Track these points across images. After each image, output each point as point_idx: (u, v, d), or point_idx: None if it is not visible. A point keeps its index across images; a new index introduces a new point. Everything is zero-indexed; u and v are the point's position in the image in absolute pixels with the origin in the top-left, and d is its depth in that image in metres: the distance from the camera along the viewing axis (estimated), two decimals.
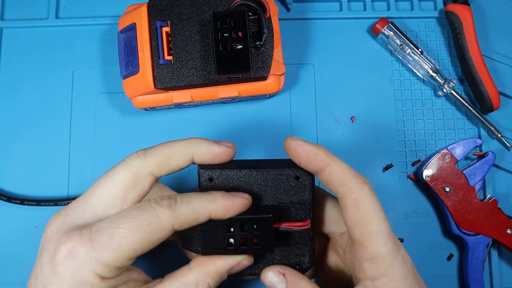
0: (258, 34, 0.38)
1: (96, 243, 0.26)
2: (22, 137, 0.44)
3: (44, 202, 0.41)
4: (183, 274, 0.28)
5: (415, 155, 0.44)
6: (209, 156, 0.30)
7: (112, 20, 0.45)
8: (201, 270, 0.28)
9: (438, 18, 0.47)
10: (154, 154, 0.29)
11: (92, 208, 0.28)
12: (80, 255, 0.26)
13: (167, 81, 0.38)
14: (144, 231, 0.26)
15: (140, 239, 0.26)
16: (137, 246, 0.26)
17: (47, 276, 0.27)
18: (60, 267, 0.26)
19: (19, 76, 0.45)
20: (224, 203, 0.28)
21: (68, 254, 0.26)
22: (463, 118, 0.45)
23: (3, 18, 0.46)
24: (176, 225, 0.27)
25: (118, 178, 0.28)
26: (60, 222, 0.28)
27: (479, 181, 0.42)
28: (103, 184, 0.28)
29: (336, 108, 0.45)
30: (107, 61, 0.45)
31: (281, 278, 0.29)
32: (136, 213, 0.27)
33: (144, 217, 0.26)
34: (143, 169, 0.29)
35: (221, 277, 0.29)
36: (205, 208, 0.28)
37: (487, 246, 0.42)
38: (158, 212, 0.27)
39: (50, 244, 0.27)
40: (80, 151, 0.43)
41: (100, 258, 0.26)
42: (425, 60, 0.44)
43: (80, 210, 0.28)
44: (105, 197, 0.28)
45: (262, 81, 0.40)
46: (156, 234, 0.27)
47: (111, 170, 0.29)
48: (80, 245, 0.26)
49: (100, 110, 0.44)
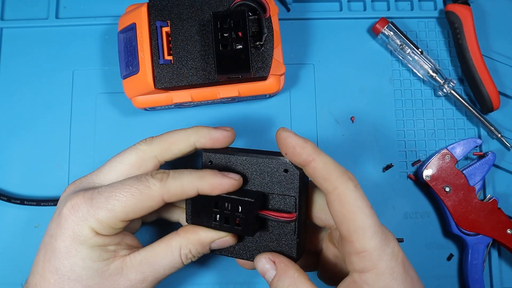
0: (258, 34, 0.38)
1: (95, 202, 0.30)
2: (22, 137, 0.44)
3: (44, 202, 0.41)
4: (169, 238, 0.32)
5: (415, 155, 0.44)
6: (208, 141, 0.34)
7: (112, 20, 0.45)
8: (185, 236, 0.32)
9: (438, 18, 0.47)
10: (159, 140, 0.34)
11: (100, 179, 0.33)
12: (80, 210, 0.30)
13: (167, 81, 0.38)
14: (136, 198, 0.30)
15: (132, 204, 0.30)
16: (129, 210, 0.30)
17: (53, 228, 0.31)
18: (63, 219, 0.30)
19: (19, 76, 0.45)
20: (211, 181, 0.31)
21: (71, 208, 0.30)
22: (463, 118, 0.45)
23: (3, 18, 0.46)
24: (165, 197, 0.31)
25: (126, 158, 0.33)
26: (72, 188, 0.33)
27: (479, 181, 0.42)
28: (113, 162, 0.33)
29: (336, 108, 0.45)
30: (107, 61, 0.45)
31: (272, 265, 0.31)
32: (131, 182, 0.31)
33: (137, 186, 0.30)
34: (148, 153, 0.33)
35: (203, 247, 0.32)
36: (193, 184, 0.31)
37: (487, 246, 0.42)
38: (150, 183, 0.30)
39: (61, 203, 0.32)
40: (80, 151, 0.43)
41: (97, 215, 0.30)
42: (425, 60, 0.44)
43: (90, 180, 0.33)
44: (112, 172, 0.33)
45: (262, 81, 0.40)
46: (146, 203, 0.30)
47: (122, 152, 0.34)
48: (82, 202, 0.30)
49: (100, 110, 0.44)
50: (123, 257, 0.31)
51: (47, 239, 0.31)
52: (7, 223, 0.42)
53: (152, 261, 0.31)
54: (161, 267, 0.31)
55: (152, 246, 0.32)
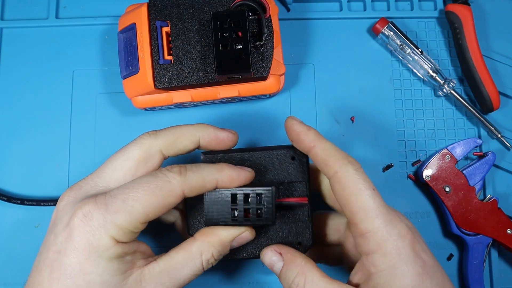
0: (258, 34, 0.38)
1: (111, 207, 0.27)
2: (22, 137, 0.44)
3: (44, 202, 0.41)
4: (188, 244, 0.30)
5: (415, 155, 0.44)
6: (213, 140, 0.32)
7: (112, 20, 0.45)
8: (205, 240, 0.30)
9: (438, 18, 0.47)
10: (164, 134, 0.31)
11: (104, 181, 0.30)
12: (95, 219, 0.27)
13: (167, 81, 0.38)
14: (156, 195, 0.28)
15: (152, 202, 0.28)
16: (150, 210, 0.28)
17: (61, 243, 0.28)
18: (75, 232, 0.27)
19: (19, 76, 0.45)
20: (230, 173, 0.30)
21: (83, 218, 0.27)
22: (463, 118, 0.45)
23: (3, 18, 0.46)
24: (186, 190, 0.29)
25: (131, 154, 0.30)
26: (72, 196, 0.29)
27: (479, 181, 0.42)
28: (116, 159, 0.30)
29: (336, 108, 0.45)
30: (107, 61, 0.45)
31: (279, 257, 0.31)
32: (148, 179, 0.28)
33: (156, 182, 0.28)
34: (153, 147, 0.31)
35: (224, 247, 0.31)
36: (213, 175, 0.29)
37: (487, 246, 0.42)
38: (169, 177, 0.28)
39: (65, 214, 0.28)
40: (80, 151, 0.43)
41: (116, 221, 0.27)
42: (425, 60, 0.44)
43: (93, 183, 0.30)
44: (117, 171, 0.30)
45: (262, 81, 0.40)
46: (167, 199, 0.28)
47: (124, 147, 0.31)
48: (96, 209, 0.27)
49: (100, 110, 0.44)
50: (141, 268, 0.29)
51: (53, 255, 0.28)
52: (7, 223, 0.42)
53: (172, 271, 0.29)
54: (181, 276, 0.29)
55: (170, 255, 0.30)
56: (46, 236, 0.29)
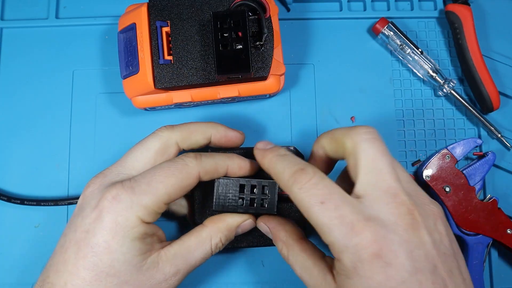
0: (258, 34, 0.38)
1: (137, 189, 0.30)
2: (22, 137, 0.44)
3: (44, 202, 0.41)
4: (199, 230, 0.33)
5: (415, 155, 0.44)
6: (223, 138, 0.36)
7: (112, 20, 0.45)
8: (214, 226, 0.33)
9: (438, 18, 0.47)
10: (180, 128, 0.34)
11: (127, 169, 0.33)
12: (123, 200, 0.30)
13: (167, 81, 0.38)
14: (176, 177, 0.31)
15: (173, 184, 0.31)
16: (171, 190, 0.31)
17: (90, 224, 0.30)
18: (104, 212, 0.30)
19: (19, 76, 0.45)
20: (239, 161, 0.34)
21: (112, 199, 0.30)
22: (463, 118, 0.45)
23: (3, 18, 0.46)
24: (201, 173, 0.32)
25: (151, 145, 0.33)
26: (98, 183, 0.32)
27: (479, 181, 0.42)
28: (137, 150, 0.33)
29: (336, 108, 0.45)
30: (107, 61, 0.45)
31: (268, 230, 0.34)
32: (168, 164, 0.31)
33: (176, 166, 0.31)
34: (171, 139, 0.34)
35: (230, 232, 0.34)
36: (225, 162, 0.33)
37: (487, 246, 0.42)
38: (187, 161, 0.32)
39: (92, 198, 0.31)
40: (80, 151, 0.43)
41: (142, 202, 0.30)
42: (425, 60, 0.44)
43: (116, 171, 0.33)
44: (138, 161, 0.33)
45: (262, 81, 0.40)
46: (186, 180, 0.31)
47: (143, 140, 0.34)
48: (123, 192, 0.30)
49: (100, 110, 0.44)
50: (158, 251, 0.31)
51: (81, 235, 0.30)
52: (7, 223, 0.42)
53: (185, 254, 0.32)
54: (193, 259, 0.32)
55: (183, 240, 0.33)
56: (72, 219, 0.32)
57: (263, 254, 0.42)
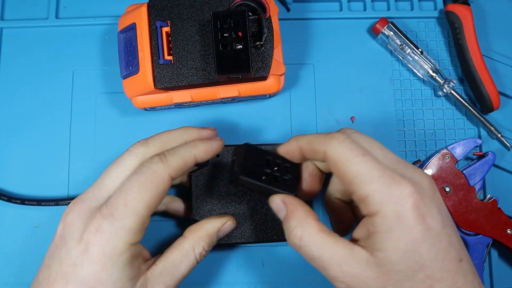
0: (258, 34, 0.38)
1: (116, 214, 0.29)
2: (22, 137, 0.44)
3: (44, 202, 0.41)
4: (180, 243, 0.33)
5: (415, 155, 0.44)
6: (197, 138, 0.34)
7: (112, 20, 0.45)
8: (194, 236, 0.33)
9: (438, 18, 0.47)
10: (154, 141, 0.33)
11: (105, 192, 0.31)
12: (106, 230, 0.29)
13: (167, 81, 0.38)
14: (150, 188, 0.30)
15: (150, 195, 0.30)
16: (150, 203, 0.30)
17: (76, 257, 0.29)
18: (90, 245, 0.29)
19: (19, 76, 0.45)
20: (204, 147, 0.33)
21: (96, 231, 0.29)
22: (463, 118, 0.45)
23: (3, 18, 0.46)
24: (172, 173, 0.31)
25: (127, 163, 0.32)
26: (77, 210, 0.31)
27: (479, 181, 0.42)
28: (113, 170, 0.32)
29: (336, 108, 0.45)
30: (107, 61, 0.45)
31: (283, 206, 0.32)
32: (136, 177, 0.30)
33: (145, 177, 0.30)
34: (147, 154, 0.32)
35: (211, 239, 0.34)
36: (191, 153, 0.32)
37: (487, 246, 0.42)
38: (154, 168, 0.30)
39: (75, 230, 0.30)
40: (80, 151, 0.43)
41: (125, 226, 0.29)
42: (425, 60, 0.44)
43: (94, 196, 0.31)
44: (115, 181, 0.32)
45: (262, 81, 0.40)
46: (160, 187, 0.30)
47: (118, 158, 0.33)
48: (104, 221, 0.29)
49: (100, 110, 0.44)
50: (145, 273, 0.31)
51: (68, 268, 0.29)
52: (7, 223, 0.42)
53: (171, 269, 0.32)
54: (180, 273, 0.32)
55: (166, 256, 0.32)
56: (55, 250, 0.31)
57: (263, 254, 0.42)
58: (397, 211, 0.27)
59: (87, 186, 0.42)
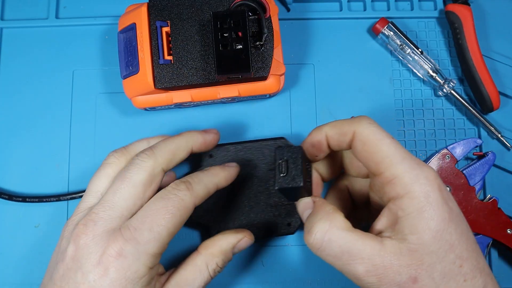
0: (258, 34, 0.38)
1: (141, 239, 0.29)
2: (22, 137, 0.44)
3: (46, 198, 0.41)
4: (193, 259, 0.33)
5: (415, 155, 0.44)
6: (203, 145, 0.36)
7: (112, 20, 0.45)
8: (207, 252, 0.33)
9: (438, 18, 0.47)
10: (162, 152, 0.33)
11: (118, 212, 0.31)
12: (129, 254, 0.29)
13: (167, 81, 0.38)
14: (175, 215, 0.30)
15: (174, 223, 0.30)
16: (173, 230, 0.30)
17: (95, 281, 0.29)
18: (111, 269, 0.29)
19: (19, 76, 0.45)
20: (224, 175, 0.34)
21: (117, 255, 0.29)
22: (463, 118, 0.45)
23: (3, 18, 0.46)
24: (196, 202, 0.32)
25: (136, 179, 0.31)
26: (91, 233, 0.30)
27: (479, 181, 0.42)
28: (123, 188, 0.31)
29: (336, 108, 0.45)
30: (107, 61, 0.45)
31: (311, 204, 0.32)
32: (164, 204, 0.30)
33: (172, 204, 0.30)
34: (156, 168, 0.32)
35: (226, 255, 0.34)
36: (213, 182, 0.33)
37: (487, 246, 0.42)
38: (181, 196, 0.31)
39: (91, 253, 0.29)
40: (80, 151, 0.43)
41: (148, 251, 0.29)
42: (425, 60, 0.44)
43: (107, 216, 0.30)
44: (128, 200, 0.31)
45: (262, 81, 0.40)
46: (184, 215, 0.31)
47: (126, 174, 0.31)
48: (127, 245, 0.29)
49: (100, 110, 0.44)
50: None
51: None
52: (8, 223, 0.42)
53: (185, 286, 0.32)
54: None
55: (179, 272, 0.32)
56: (68, 273, 0.30)
57: (263, 254, 0.42)
58: (426, 192, 0.27)
59: None
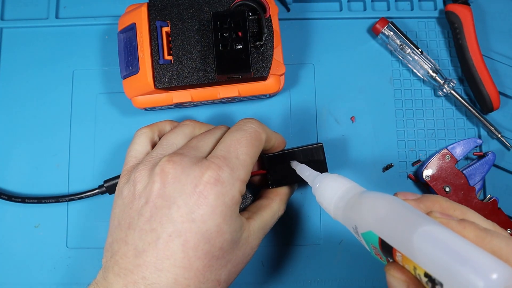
0: (258, 34, 0.38)
1: (232, 165, 0.31)
2: (23, 138, 0.44)
3: (45, 199, 0.41)
4: (269, 204, 0.36)
5: (415, 155, 0.44)
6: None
7: (112, 20, 0.45)
8: (279, 199, 0.37)
9: (438, 18, 0.47)
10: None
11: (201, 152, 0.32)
12: (226, 180, 0.30)
13: (167, 81, 0.38)
14: (254, 145, 0.33)
15: (254, 151, 0.32)
16: (254, 159, 0.33)
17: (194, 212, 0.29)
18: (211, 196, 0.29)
19: (19, 76, 0.45)
20: (281, 138, 0.38)
21: (216, 181, 0.29)
22: (463, 118, 0.45)
23: (3, 18, 0.46)
24: (265, 138, 0.34)
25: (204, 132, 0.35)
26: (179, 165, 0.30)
27: (479, 181, 0.42)
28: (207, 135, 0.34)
29: (336, 108, 0.45)
30: (107, 61, 0.45)
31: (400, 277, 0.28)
32: (242, 134, 0.33)
33: (250, 134, 0.33)
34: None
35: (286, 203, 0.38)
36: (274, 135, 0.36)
37: None
38: (256, 127, 0.33)
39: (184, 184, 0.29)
40: (80, 151, 0.43)
41: (240, 176, 0.31)
42: (425, 60, 0.44)
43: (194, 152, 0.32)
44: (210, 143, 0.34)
45: (262, 81, 0.40)
46: (260, 146, 0.33)
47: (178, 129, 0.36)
48: (223, 171, 0.30)
49: (100, 110, 0.44)
50: (248, 226, 0.33)
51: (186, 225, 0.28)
52: (7, 223, 0.42)
53: (265, 226, 0.35)
54: (268, 228, 0.35)
55: (262, 214, 0.35)
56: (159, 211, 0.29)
57: (263, 254, 0.42)
58: None
59: (88, 186, 0.42)
